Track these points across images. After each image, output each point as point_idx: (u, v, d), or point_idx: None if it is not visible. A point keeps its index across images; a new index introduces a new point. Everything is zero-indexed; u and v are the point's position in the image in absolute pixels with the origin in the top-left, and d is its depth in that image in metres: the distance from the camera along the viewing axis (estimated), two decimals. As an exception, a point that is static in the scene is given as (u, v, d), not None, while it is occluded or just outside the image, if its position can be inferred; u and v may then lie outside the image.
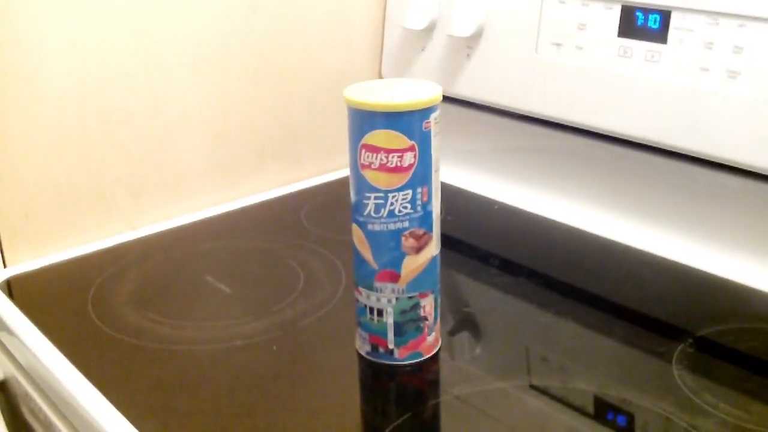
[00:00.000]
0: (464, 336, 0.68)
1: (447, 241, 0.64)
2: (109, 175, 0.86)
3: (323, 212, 0.92)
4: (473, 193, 0.95)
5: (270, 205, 0.95)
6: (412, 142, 0.57)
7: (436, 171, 0.60)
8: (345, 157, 0.60)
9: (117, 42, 0.83)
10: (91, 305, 0.73)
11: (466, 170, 0.98)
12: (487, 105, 0.94)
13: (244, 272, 0.79)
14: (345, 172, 0.73)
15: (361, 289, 0.62)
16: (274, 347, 0.66)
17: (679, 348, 0.64)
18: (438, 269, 0.62)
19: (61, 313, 0.72)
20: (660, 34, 0.76)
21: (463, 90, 0.95)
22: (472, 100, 0.95)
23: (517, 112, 0.91)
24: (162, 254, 0.82)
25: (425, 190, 0.59)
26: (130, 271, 0.79)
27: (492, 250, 0.83)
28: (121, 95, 0.85)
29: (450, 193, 0.72)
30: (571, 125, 0.86)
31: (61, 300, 0.74)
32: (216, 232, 0.88)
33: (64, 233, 0.84)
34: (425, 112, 0.57)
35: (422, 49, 0.98)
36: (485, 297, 0.75)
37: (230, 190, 0.96)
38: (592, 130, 0.84)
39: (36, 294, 0.76)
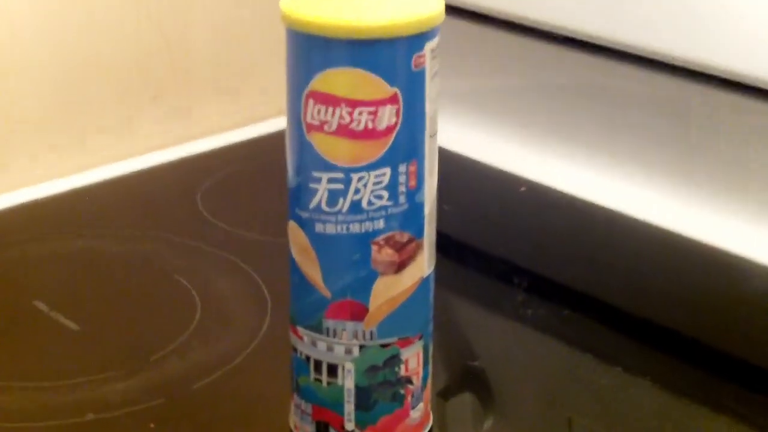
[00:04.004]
0: (470, 408, 0.69)
1: (443, 246, 0.62)
2: None
3: (233, 193, 0.94)
4: (484, 164, 0.96)
5: (147, 179, 0.96)
6: (394, 90, 0.55)
7: (432, 136, 0.58)
8: (273, 103, 0.62)
9: None
10: None
11: (472, 126, 0.99)
12: (502, 18, 0.95)
13: (100, 296, 0.79)
14: (271, 126, 0.76)
15: (301, 330, 0.60)
16: (152, 425, 0.65)
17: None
18: (431, 300, 0.61)
19: None
20: None
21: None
22: (475, 10, 0.97)
23: (549, 29, 0.92)
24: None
25: (413, 168, 0.57)
26: None
27: (517, 263, 0.84)
28: None
29: (447, 165, 0.69)
30: (641, 54, 0.87)
31: None
32: (55, 225, 0.89)
33: None
34: (416, 40, 0.55)
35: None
36: (505, 343, 0.76)
37: (81, 155, 0.97)
38: (675, 62, 0.85)
39: None
